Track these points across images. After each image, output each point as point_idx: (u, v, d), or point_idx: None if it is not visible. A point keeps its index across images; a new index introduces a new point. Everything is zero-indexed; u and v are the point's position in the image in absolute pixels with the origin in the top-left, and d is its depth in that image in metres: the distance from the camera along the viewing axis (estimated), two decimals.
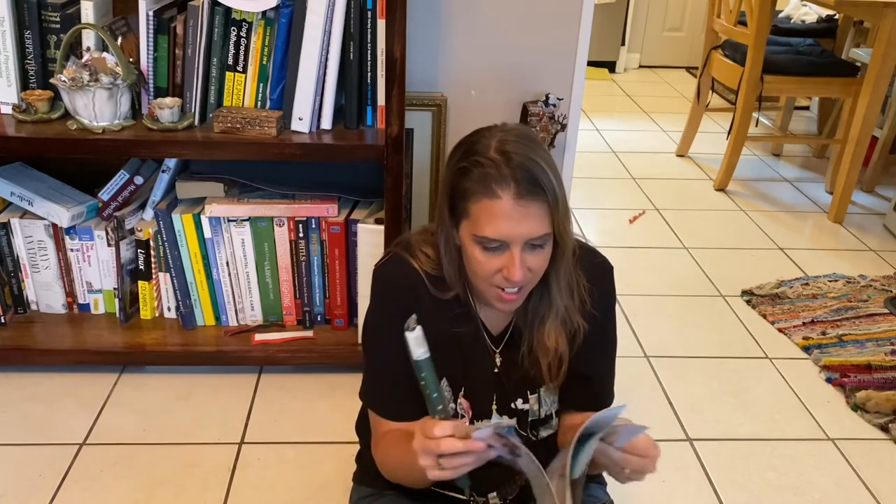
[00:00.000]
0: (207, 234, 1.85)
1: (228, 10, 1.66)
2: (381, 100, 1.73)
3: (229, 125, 1.67)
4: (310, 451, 1.73)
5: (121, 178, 1.90)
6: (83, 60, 1.65)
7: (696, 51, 4.56)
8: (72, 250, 1.92)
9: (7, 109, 1.73)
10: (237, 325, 1.98)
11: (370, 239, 1.82)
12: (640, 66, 5.29)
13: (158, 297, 1.97)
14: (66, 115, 1.70)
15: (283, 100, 1.71)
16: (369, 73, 1.72)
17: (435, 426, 0.88)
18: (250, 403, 1.87)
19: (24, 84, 1.73)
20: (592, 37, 2.03)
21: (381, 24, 1.67)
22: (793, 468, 1.75)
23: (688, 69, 5.22)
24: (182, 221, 1.83)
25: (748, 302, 2.43)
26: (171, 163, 1.86)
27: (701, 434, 1.84)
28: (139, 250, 1.90)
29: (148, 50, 1.69)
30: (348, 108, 1.74)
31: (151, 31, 1.67)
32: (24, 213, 1.89)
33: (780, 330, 2.28)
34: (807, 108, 4.38)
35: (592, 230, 2.90)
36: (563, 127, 2.01)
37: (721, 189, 3.29)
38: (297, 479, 1.65)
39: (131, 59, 1.70)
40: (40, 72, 1.73)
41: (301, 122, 1.71)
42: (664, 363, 2.12)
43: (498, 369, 1.14)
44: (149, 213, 1.89)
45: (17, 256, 1.92)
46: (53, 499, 1.57)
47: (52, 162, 1.99)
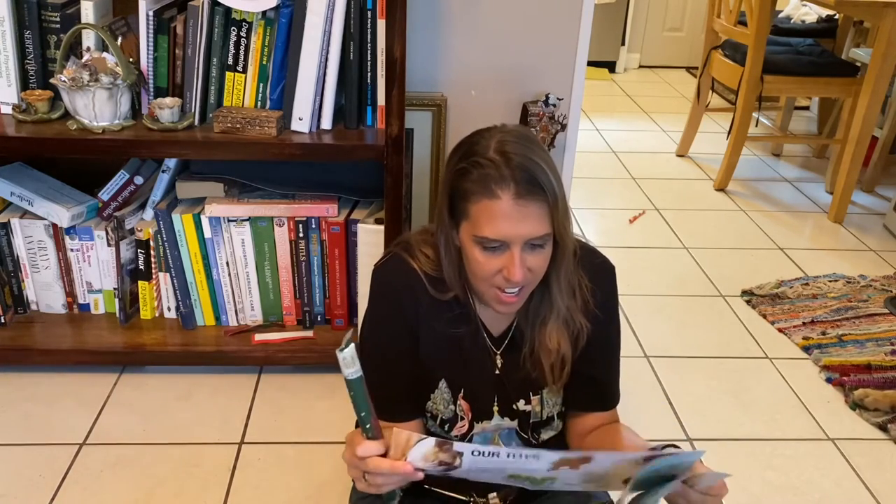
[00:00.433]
0: (207, 234, 1.85)
1: (228, 10, 1.66)
2: (381, 100, 1.73)
3: (229, 125, 1.67)
4: (310, 451, 1.73)
5: (121, 178, 1.90)
6: (83, 60, 1.65)
7: (696, 51, 4.56)
8: (72, 250, 1.92)
9: (7, 109, 1.73)
10: (237, 325, 1.98)
11: (370, 239, 1.82)
12: (640, 66, 5.29)
13: (158, 297, 1.97)
14: (66, 115, 1.70)
15: (283, 100, 1.71)
16: (369, 73, 1.72)
17: (359, 446, 0.87)
18: (250, 403, 1.87)
19: (24, 84, 1.73)
20: (592, 37, 2.03)
21: (381, 24, 1.67)
22: (793, 468, 1.75)
23: (688, 69, 5.22)
24: (182, 221, 1.83)
25: (748, 302, 2.43)
26: (171, 163, 1.86)
27: (701, 434, 1.84)
28: (139, 250, 1.90)
29: (148, 50, 1.69)
30: (348, 108, 1.74)
31: (151, 31, 1.67)
32: (24, 213, 1.89)
33: (780, 330, 2.28)
34: (807, 108, 4.38)
35: (592, 230, 2.90)
36: (563, 127, 2.01)
37: (721, 189, 3.29)
38: (297, 479, 1.65)
39: (131, 59, 1.70)
40: (40, 72, 1.73)
41: (301, 122, 1.71)
42: (664, 363, 2.12)
43: (499, 371, 1.14)
44: (149, 213, 1.89)
45: (17, 256, 1.92)
46: (53, 499, 1.57)
47: (52, 162, 1.99)
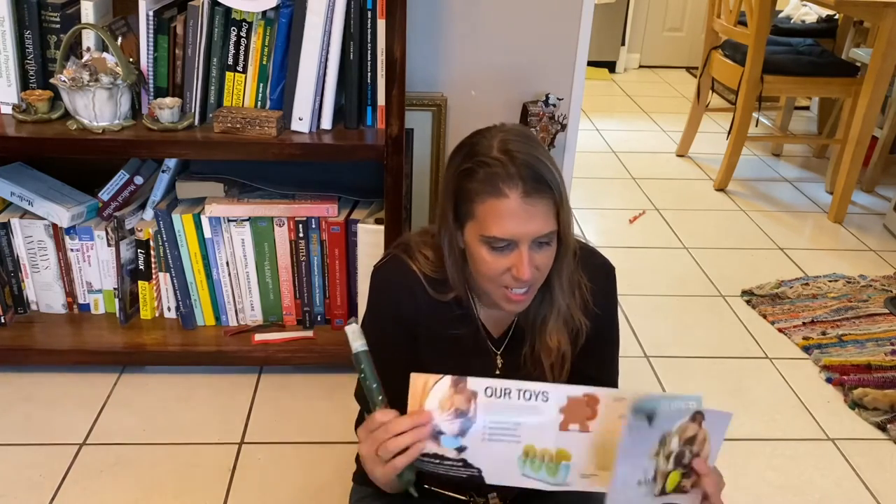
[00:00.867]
0: (207, 234, 1.85)
1: (228, 10, 1.66)
2: (381, 100, 1.73)
3: (229, 125, 1.67)
4: (310, 451, 1.73)
5: (121, 178, 1.90)
6: (83, 60, 1.65)
7: (696, 51, 4.56)
8: (72, 250, 1.92)
9: (7, 109, 1.73)
10: (237, 325, 1.98)
11: (370, 239, 1.82)
12: (640, 66, 5.29)
13: (158, 297, 1.97)
14: (66, 115, 1.70)
15: (283, 100, 1.71)
16: (369, 73, 1.72)
17: (377, 412, 0.91)
18: (250, 403, 1.87)
19: (24, 84, 1.73)
20: (592, 37, 2.04)
21: (381, 24, 1.67)
22: (793, 468, 1.75)
23: (688, 69, 5.22)
24: (182, 221, 1.83)
25: (748, 302, 2.43)
26: (171, 163, 1.86)
27: None
28: (139, 250, 1.90)
29: (148, 50, 1.69)
30: (348, 108, 1.74)
31: (151, 31, 1.67)
32: (24, 213, 1.89)
33: (780, 330, 2.28)
34: (807, 108, 4.38)
35: (592, 230, 2.90)
36: (563, 127, 2.01)
37: (721, 189, 3.29)
38: (297, 479, 1.65)
39: (131, 59, 1.70)
40: (40, 72, 1.73)
41: (301, 122, 1.71)
42: (664, 363, 2.12)
43: (499, 371, 1.14)
44: (149, 213, 1.89)
45: (17, 256, 1.92)
46: (53, 499, 1.57)
47: (52, 162, 1.99)
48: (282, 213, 1.84)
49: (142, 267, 1.92)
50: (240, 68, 1.71)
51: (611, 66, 5.18)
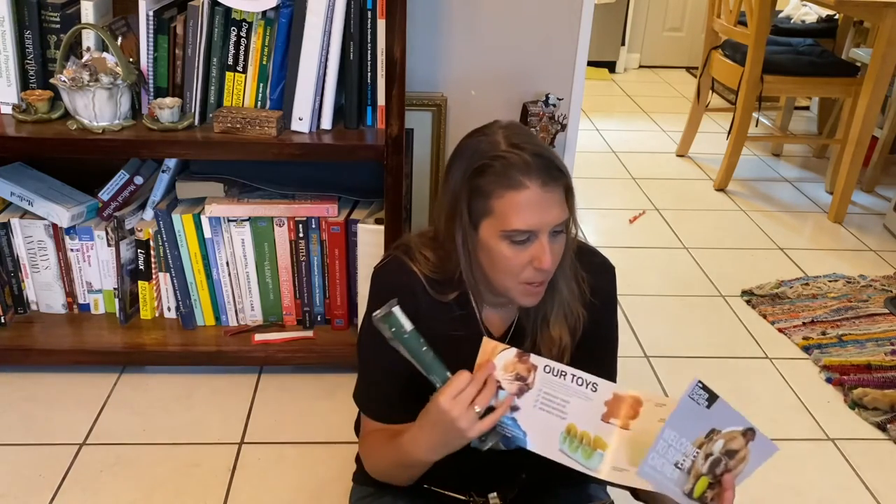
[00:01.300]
0: (207, 234, 1.85)
1: (228, 10, 1.66)
2: (381, 100, 1.73)
3: (229, 125, 1.67)
4: (310, 451, 1.73)
5: (121, 178, 1.90)
6: (83, 60, 1.65)
7: (696, 51, 4.56)
8: (72, 250, 1.92)
9: (7, 109, 1.73)
10: (237, 325, 1.98)
11: (370, 239, 1.82)
12: (640, 66, 5.29)
13: (158, 297, 1.97)
14: (66, 115, 1.70)
15: (283, 100, 1.71)
16: (369, 73, 1.72)
17: (456, 378, 0.95)
18: (250, 403, 1.87)
19: (24, 84, 1.73)
20: (592, 37, 2.04)
21: (381, 24, 1.67)
22: (793, 468, 1.75)
23: (688, 69, 5.22)
24: (182, 221, 1.83)
25: (748, 302, 2.43)
26: (171, 163, 1.86)
27: None
28: (139, 250, 1.90)
29: (148, 50, 1.69)
30: (348, 108, 1.74)
31: (151, 31, 1.67)
32: (24, 213, 1.89)
33: (780, 330, 2.28)
34: (807, 108, 4.38)
35: (592, 230, 2.90)
36: (563, 127, 2.01)
37: (721, 189, 3.29)
38: (297, 479, 1.65)
39: (131, 59, 1.70)
40: (40, 72, 1.73)
41: (301, 122, 1.71)
42: (664, 363, 2.12)
43: None
44: (149, 213, 1.89)
45: (17, 256, 1.92)
46: (53, 499, 1.57)
47: (52, 162, 1.99)
48: (282, 213, 1.84)
49: (142, 267, 1.92)
50: (240, 68, 1.71)
51: (611, 66, 5.18)
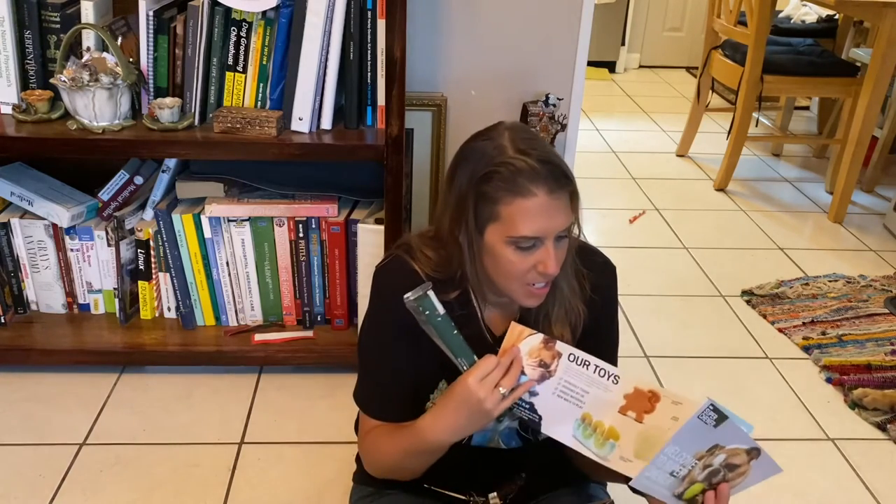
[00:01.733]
0: (207, 234, 1.85)
1: (228, 10, 1.66)
2: (381, 100, 1.73)
3: (229, 125, 1.67)
4: (310, 451, 1.73)
5: (121, 178, 1.90)
6: (83, 60, 1.65)
7: (696, 51, 4.56)
8: (72, 250, 1.92)
9: (7, 109, 1.73)
10: (237, 325, 1.98)
11: (370, 239, 1.82)
12: (640, 66, 5.29)
13: (158, 297, 1.97)
14: (66, 115, 1.70)
15: (283, 100, 1.71)
16: (369, 73, 1.72)
17: (484, 361, 0.97)
18: (250, 403, 1.87)
19: (24, 84, 1.73)
20: (592, 37, 2.04)
21: (381, 24, 1.67)
22: (793, 468, 1.75)
23: (688, 69, 5.22)
24: (182, 221, 1.83)
25: (748, 302, 2.43)
26: (171, 163, 1.86)
27: None
28: (139, 250, 1.90)
29: (148, 50, 1.69)
30: (348, 108, 1.74)
31: (151, 31, 1.67)
32: (24, 213, 1.89)
33: (780, 330, 2.28)
34: (807, 108, 4.38)
35: (592, 230, 2.90)
36: (563, 127, 2.01)
37: (721, 189, 3.29)
38: (297, 479, 1.65)
39: (131, 59, 1.70)
40: (40, 72, 1.73)
41: (301, 122, 1.71)
42: (664, 363, 2.12)
43: None
44: (149, 213, 1.89)
45: (17, 256, 1.92)
46: (53, 499, 1.57)
47: (52, 162, 1.99)
48: (282, 213, 1.84)
49: (142, 267, 1.92)
50: (240, 68, 1.71)
51: (611, 66, 5.18)
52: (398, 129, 1.63)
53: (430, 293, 0.97)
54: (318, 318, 1.98)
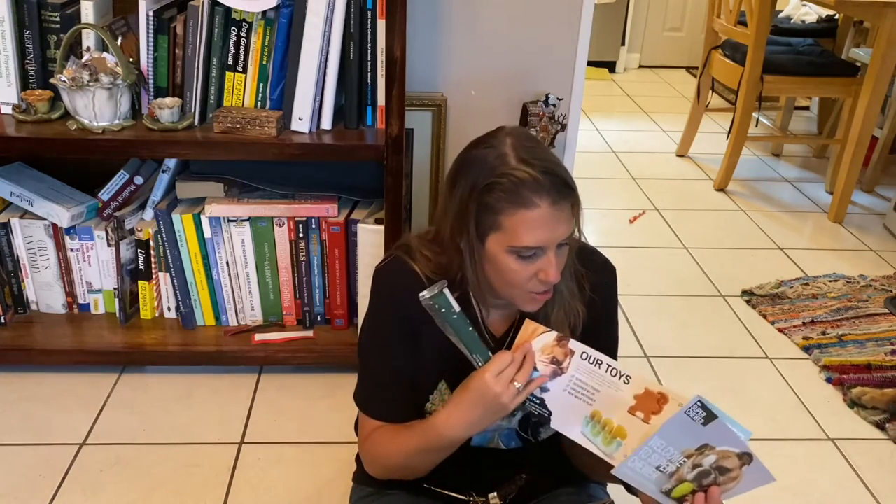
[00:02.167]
0: (207, 234, 1.85)
1: (228, 10, 1.66)
2: (381, 100, 1.73)
3: (229, 125, 1.67)
4: (310, 451, 1.73)
5: (121, 178, 1.90)
6: (83, 60, 1.65)
7: (696, 51, 4.56)
8: (72, 250, 1.92)
9: (7, 109, 1.73)
10: (237, 325, 1.98)
11: (370, 239, 1.82)
12: (640, 66, 5.29)
13: (158, 297, 1.97)
14: (66, 115, 1.70)
15: (283, 100, 1.71)
16: (369, 73, 1.72)
17: (499, 357, 0.98)
18: (250, 403, 1.87)
19: (24, 84, 1.73)
20: (592, 37, 2.04)
21: (381, 24, 1.67)
22: (793, 468, 1.75)
23: (688, 69, 5.22)
24: (182, 221, 1.83)
25: (748, 302, 2.43)
26: (171, 163, 1.86)
27: None
28: (139, 250, 1.90)
29: (148, 50, 1.69)
30: (348, 108, 1.74)
31: (151, 31, 1.67)
32: (24, 213, 1.89)
33: (780, 330, 2.28)
34: (807, 108, 4.38)
35: (592, 230, 2.90)
36: (563, 127, 2.01)
37: (721, 189, 3.29)
38: (297, 479, 1.65)
39: (131, 59, 1.70)
40: (40, 72, 1.73)
41: (301, 122, 1.71)
42: (664, 363, 2.12)
43: None
44: (149, 213, 1.89)
45: (17, 256, 1.92)
46: (53, 499, 1.57)
47: (52, 162, 1.99)
48: (282, 213, 1.84)
49: (142, 267, 1.92)
50: (240, 68, 1.71)
51: (611, 66, 5.18)
52: (398, 129, 1.63)
53: (446, 291, 0.97)
54: (318, 318, 1.98)
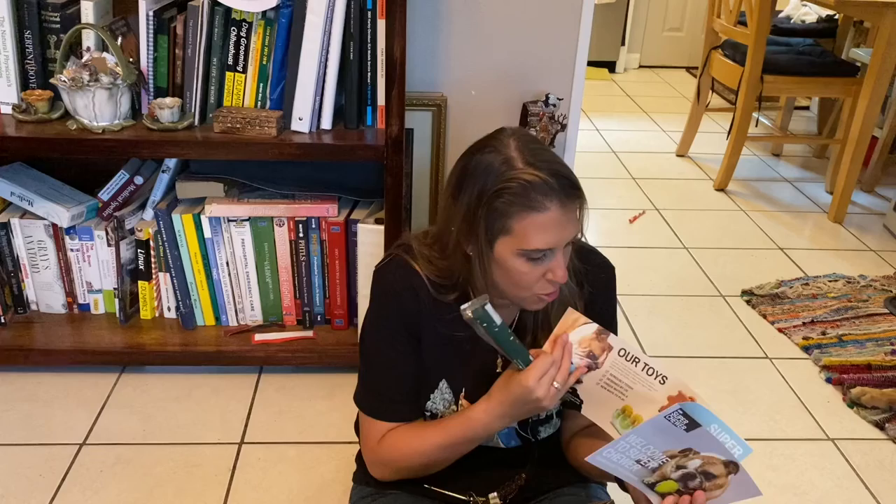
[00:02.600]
0: (207, 234, 1.85)
1: (228, 10, 1.66)
2: (381, 100, 1.73)
3: (229, 125, 1.67)
4: (310, 451, 1.73)
5: (121, 178, 1.90)
6: (83, 60, 1.66)
7: (696, 51, 4.57)
8: (72, 250, 1.92)
9: (7, 109, 1.73)
10: (237, 325, 1.98)
11: (370, 239, 1.82)
12: (640, 66, 5.29)
13: (158, 297, 1.97)
14: (66, 115, 1.70)
15: (283, 100, 1.71)
16: (369, 73, 1.72)
17: (540, 360, 0.99)
18: (250, 403, 1.87)
19: (24, 84, 1.73)
20: (592, 37, 2.04)
21: (381, 24, 1.67)
22: (793, 468, 1.75)
23: (688, 69, 5.22)
24: (182, 221, 1.83)
25: (748, 302, 2.43)
26: (171, 163, 1.86)
27: None
28: (139, 250, 1.90)
29: (148, 50, 1.69)
30: (348, 108, 1.74)
31: (151, 31, 1.68)
32: (24, 213, 1.89)
33: (780, 330, 2.28)
34: (807, 108, 4.38)
35: (592, 230, 2.90)
36: (563, 127, 2.01)
37: (721, 189, 3.29)
38: (297, 479, 1.65)
39: (131, 59, 1.70)
40: (40, 72, 1.73)
41: (301, 122, 1.71)
42: (664, 363, 2.11)
43: (500, 370, 1.14)
44: (149, 213, 1.89)
45: (17, 256, 1.92)
46: (53, 499, 1.57)
47: (52, 162, 1.99)
48: (282, 213, 1.84)
49: (142, 267, 1.92)
50: (240, 68, 1.71)
51: (611, 66, 5.18)
52: (398, 129, 1.63)
53: (488, 307, 0.96)
54: (318, 318, 1.98)
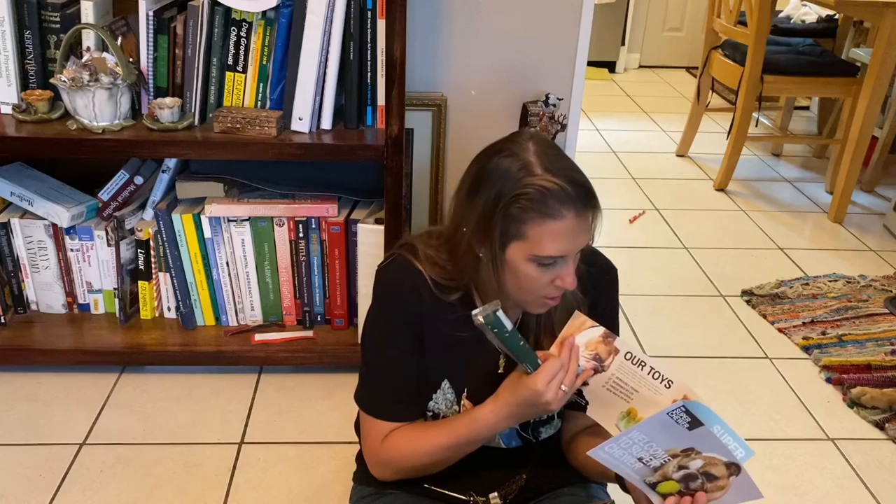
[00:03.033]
0: (207, 234, 1.85)
1: (228, 10, 1.66)
2: (381, 100, 1.73)
3: (229, 125, 1.67)
4: (310, 451, 1.73)
5: (121, 178, 1.90)
6: (83, 60, 1.65)
7: (696, 51, 4.56)
8: (72, 250, 1.92)
9: (7, 109, 1.73)
10: (237, 325, 1.98)
11: (370, 239, 1.82)
12: (640, 66, 5.29)
13: (158, 297, 1.97)
14: (66, 115, 1.70)
15: (283, 100, 1.71)
16: (369, 73, 1.72)
17: (549, 365, 0.99)
18: (250, 403, 1.87)
19: (24, 84, 1.73)
20: (592, 37, 2.04)
21: (381, 24, 1.67)
22: (793, 468, 1.75)
23: (688, 69, 5.22)
24: (182, 221, 1.83)
25: (748, 302, 2.43)
26: (171, 163, 1.86)
27: None
28: (139, 250, 1.90)
29: (148, 50, 1.69)
30: (348, 108, 1.74)
31: (151, 31, 1.68)
32: (24, 213, 1.89)
33: (780, 330, 2.28)
34: (807, 108, 4.38)
35: None
36: (563, 127, 2.01)
37: (721, 189, 3.29)
38: (297, 479, 1.65)
39: (131, 59, 1.70)
40: (40, 72, 1.73)
41: (301, 122, 1.71)
42: (664, 363, 2.11)
43: (502, 370, 1.14)
44: (149, 213, 1.89)
45: (17, 256, 1.92)
46: (53, 499, 1.57)
47: (52, 162, 1.99)
48: (282, 213, 1.84)
49: (142, 267, 1.92)
50: (240, 68, 1.71)
51: (611, 66, 5.18)
52: (398, 129, 1.63)
53: (500, 312, 0.97)
54: (318, 318, 1.98)
